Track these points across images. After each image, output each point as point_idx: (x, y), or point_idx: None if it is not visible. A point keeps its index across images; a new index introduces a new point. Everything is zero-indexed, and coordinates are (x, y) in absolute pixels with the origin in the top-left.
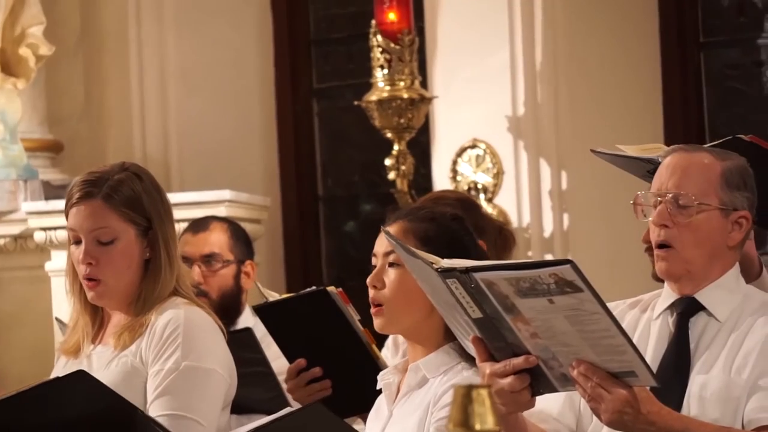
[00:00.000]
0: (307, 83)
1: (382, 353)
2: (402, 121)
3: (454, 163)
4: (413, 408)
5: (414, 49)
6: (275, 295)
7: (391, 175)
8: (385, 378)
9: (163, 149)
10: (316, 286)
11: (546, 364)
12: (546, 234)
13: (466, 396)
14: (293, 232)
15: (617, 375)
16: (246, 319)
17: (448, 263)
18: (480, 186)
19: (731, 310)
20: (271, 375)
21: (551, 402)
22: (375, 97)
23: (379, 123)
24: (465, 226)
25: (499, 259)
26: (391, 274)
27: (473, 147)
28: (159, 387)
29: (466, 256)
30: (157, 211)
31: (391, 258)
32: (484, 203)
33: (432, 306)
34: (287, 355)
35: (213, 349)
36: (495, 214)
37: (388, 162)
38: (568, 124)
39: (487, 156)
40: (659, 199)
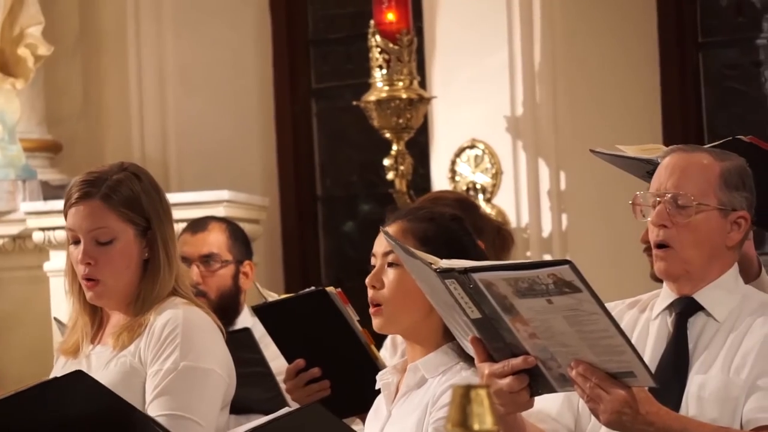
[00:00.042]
0: (306, 83)
1: (381, 353)
2: (401, 121)
3: (453, 163)
4: (412, 408)
5: (413, 49)
6: (274, 296)
7: (390, 175)
8: (384, 378)
9: (162, 149)
10: (315, 287)
11: (545, 364)
12: (545, 234)
13: (464, 396)
14: (292, 233)
15: (616, 375)
16: (244, 320)
17: (446, 263)
18: (479, 186)
19: (730, 310)
20: (269, 375)
21: (550, 402)
22: (374, 98)
23: (378, 123)
24: (464, 226)
25: (498, 260)
26: (390, 274)
27: (472, 147)
28: (158, 387)
29: (465, 256)
30: (155, 211)
31: (390, 258)
32: (483, 203)
33: (431, 306)
34: (286, 355)
35: (212, 349)
36: (494, 215)
37: (386, 162)
38: (566, 125)
39: (486, 156)
40: (658, 199)
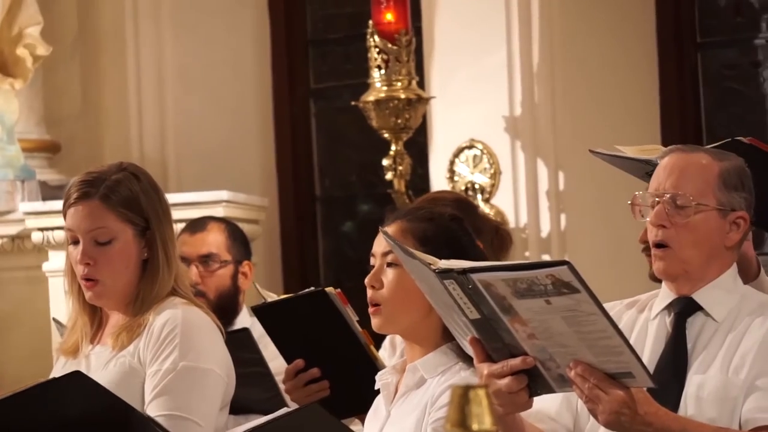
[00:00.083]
0: (305, 84)
1: (379, 354)
2: (399, 121)
3: (452, 163)
4: (411, 408)
5: (411, 49)
6: (273, 296)
7: (389, 175)
8: (383, 378)
9: (161, 150)
10: (314, 287)
11: (543, 365)
12: (543, 234)
13: (463, 396)
14: (291, 233)
15: (614, 376)
16: (243, 320)
17: (445, 264)
18: (477, 186)
19: (728, 311)
20: (268, 375)
21: (548, 402)
22: (372, 98)
23: (377, 123)
24: (463, 226)
25: (496, 260)
26: (389, 275)
27: (470, 147)
28: (157, 387)
29: (465, 256)
30: (154, 211)
31: (390, 258)
32: (482, 203)
33: (430, 306)
34: (285, 355)
35: (211, 349)
36: (492, 215)
37: (385, 162)
38: (565, 124)
39: (485, 156)
40: (657, 199)
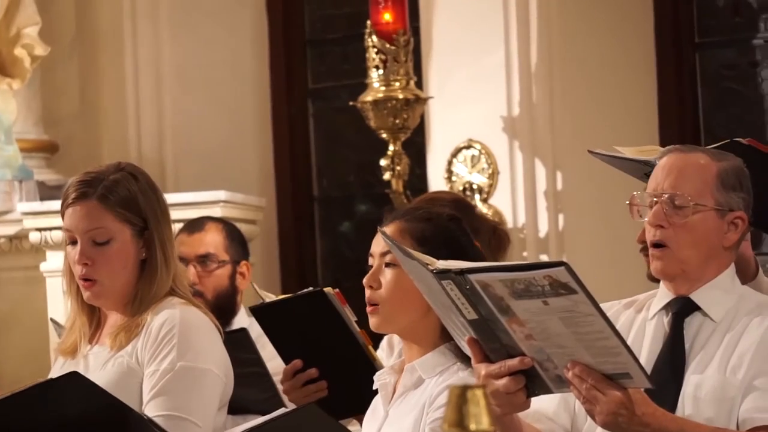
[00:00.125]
0: (303, 84)
1: (377, 354)
2: (397, 121)
3: (450, 163)
4: (409, 408)
5: (409, 49)
6: (271, 296)
7: (387, 175)
8: (382, 378)
9: (159, 150)
10: (313, 287)
11: (541, 365)
12: (541, 234)
13: (461, 396)
14: (288, 233)
15: (612, 377)
16: (241, 320)
17: (443, 264)
18: (475, 186)
19: (726, 311)
20: (266, 375)
21: (546, 402)
22: (370, 98)
23: (375, 123)
24: (462, 226)
25: (494, 260)
26: (387, 275)
27: (468, 147)
28: (155, 387)
29: (463, 256)
30: (153, 211)
31: (388, 258)
32: (480, 204)
33: (428, 306)
34: (283, 356)
35: (209, 349)
36: (490, 215)
37: (383, 162)
38: (563, 124)
39: (483, 156)
40: (655, 199)
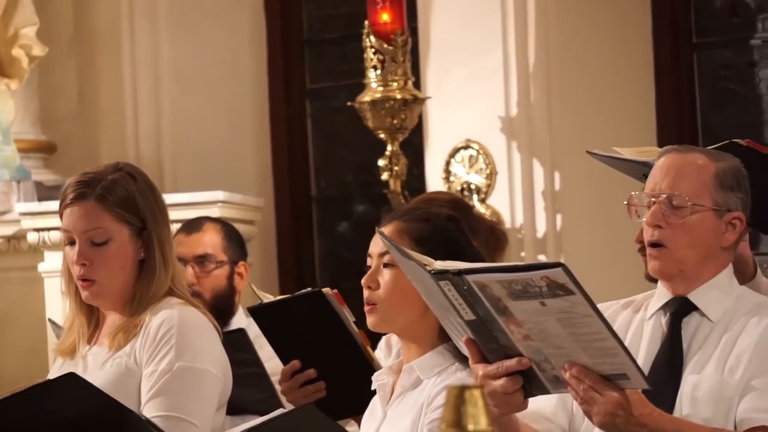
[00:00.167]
0: (301, 84)
1: (375, 354)
2: (395, 121)
3: (447, 163)
4: (407, 409)
5: (407, 49)
6: (269, 297)
7: (384, 175)
8: (380, 379)
9: (157, 150)
10: (311, 287)
11: (538, 366)
12: (539, 234)
13: (458, 397)
14: (286, 233)
15: (609, 377)
16: (239, 320)
17: (441, 265)
18: (473, 186)
19: (724, 311)
20: (264, 376)
21: (544, 402)
22: (368, 98)
23: (372, 124)
24: (460, 226)
25: (492, 260)
26: (385, 275)
27: (466, 147)
28: (153, 388)
29: (461, 256)
30: (151, 211)
31: (386, 259)
32: (477, 204)
33: (426, 306)
34: (281, 356)
35: (207, 350)
36: (488, 215)
37: (381, 163)
38: (561, 124)
39: (480, 156)
40: (653, 199)
